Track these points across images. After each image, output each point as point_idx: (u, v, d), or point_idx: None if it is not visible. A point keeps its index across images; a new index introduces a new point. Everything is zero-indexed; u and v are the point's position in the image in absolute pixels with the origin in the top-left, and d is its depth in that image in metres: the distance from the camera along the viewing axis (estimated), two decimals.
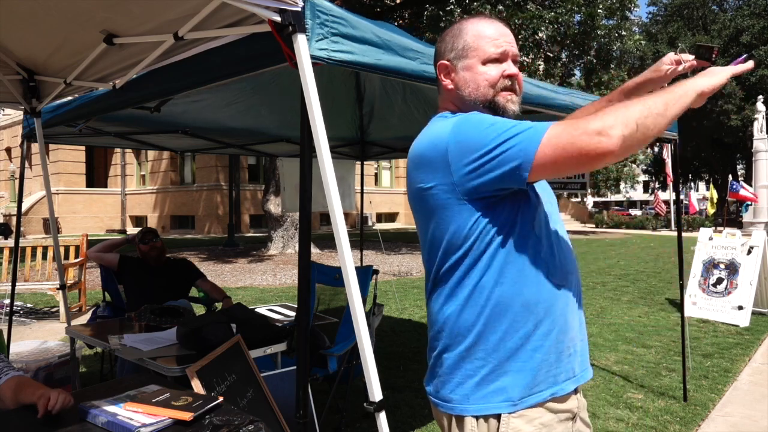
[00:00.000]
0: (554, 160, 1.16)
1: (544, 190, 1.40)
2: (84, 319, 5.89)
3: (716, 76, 1.31)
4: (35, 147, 3.83)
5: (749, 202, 17.04)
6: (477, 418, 1.27)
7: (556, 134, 1.16)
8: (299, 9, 1.63)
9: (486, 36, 1.38)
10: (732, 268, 6.60)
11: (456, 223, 1.27)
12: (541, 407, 1.27)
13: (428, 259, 1.37)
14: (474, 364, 1.27)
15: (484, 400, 1.26)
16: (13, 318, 4.04)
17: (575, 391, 1.35)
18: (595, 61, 13.88)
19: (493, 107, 1.36)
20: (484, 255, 1.27)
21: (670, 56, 1.65)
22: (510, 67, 1.37)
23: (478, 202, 1.26)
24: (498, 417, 1.25)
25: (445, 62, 1.42)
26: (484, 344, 1.27)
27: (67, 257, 6.90)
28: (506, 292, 1.26)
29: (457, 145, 1.24)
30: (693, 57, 1.65)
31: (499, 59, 1.37)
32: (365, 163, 5.95)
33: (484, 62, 1.37)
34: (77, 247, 7.00)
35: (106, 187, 25.16)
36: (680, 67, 1.64)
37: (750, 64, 1.42)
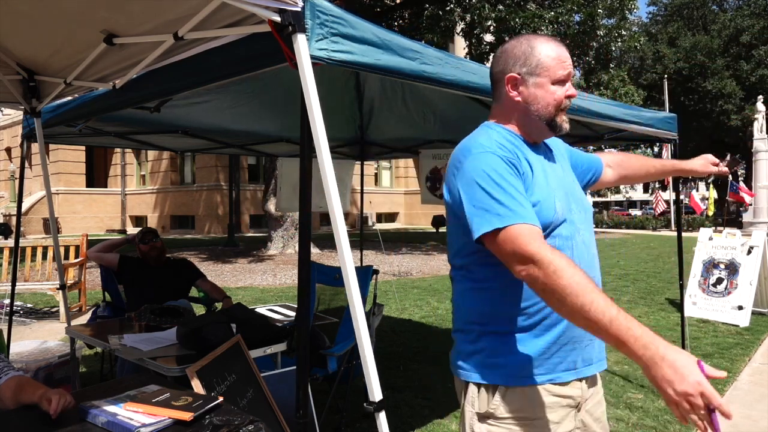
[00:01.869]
0: (493, 250, 1.32)
1: (575, 200, 1.53)
2: (84, 319, 5.89)
3: (651, 371, 1.09)
4: (35, 147, 3.83)
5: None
6: (478, 386, 1.44)
7: (506, 237, 1.28)
8: (299, 9, 1.63)
9: (557, 57, 1.49)
10: (732, 268, 6.60)
11: (459, 228, 1.43)
12: (540, 387, 1.41)
13: (448, 246, 1.55)
14: (482, 340, 1.45)
15: (487, 371, 1.44)
16: (13, 318, 4.04)
17: (580, 382, 1.47)
18: (593, 62, 13.90)
19: (552, 125, 1.50)
20: (486, 257, 1.39)
21: (712, 160, 2.06)
22: (571, 89, 1.52)
23: None
24: (496, 388, 1.42)
25: (516, 75, 1.50)
26: (490, 327, 1.44)
27: (67, 257, 6.90)
28: (507, 289, 1.41)
29: (460, 177, 1.41)
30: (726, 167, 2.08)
31: (563, 80, 1.50)
32: (365, 163, 5.95)
33: (554, 82, 1.49)
34: (77, 247, 7.00)
35: (106, 187, 25.14)
36: (716, 169, 2.06)
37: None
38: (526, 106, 1.50)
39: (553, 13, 11.30)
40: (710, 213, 24.50)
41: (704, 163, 2.08)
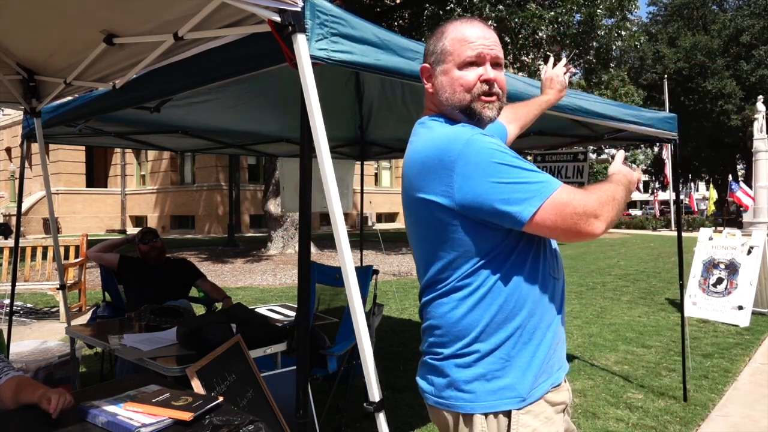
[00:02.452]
0: (552, 224, 1.22)
1: None
2: (84, 319, 5.89)
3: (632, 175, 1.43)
4: (35, 147, 3.83)
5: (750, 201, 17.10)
6: (486, 415, 1.28)
7: (562, 201, 1.21)
8: (299, 9, 1.63)
9: (463, 39, 1.35)
10: (732, 268, 6.61)
11: (460, 234, 1.28)
12: (542, 401, 1.31)
13: (427, 264, 1.38)
14: (483, 362, 1.29)
15: (494, 398, 1.27)
16: (13, 318, 4.04)
17: (565, 382, 1.42)
18: (594, 60, 13.89)
19: (469, 113, 1.35)
20: (493, 260, 1.29)
21: (559, 71, 2.09)
22: (487, 71, 1.34)
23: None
24: (507, 413, 1.28)
25: (427, 66, 1.43)
26: (493, 343, 1.29)
27: (67, 257, 6.90)
28: (515, 293, 1.29)
29: (464, 169, 1.23)
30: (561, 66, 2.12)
31: (476, 62, 1.34)
32: (365, 163, 5.95)
33: (461, 66, 1.35)
34: (77, 247, 7.00)
35: (106, 187, 25.14)
36: (567, 76, 2.10)
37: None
38: (437, 96, 1.40)
39: (553, 13, 11.30)
40: (710, 212, 24.49)
41: (559, 89, 2.07)
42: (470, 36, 1.34)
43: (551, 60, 2.15)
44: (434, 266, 1.34)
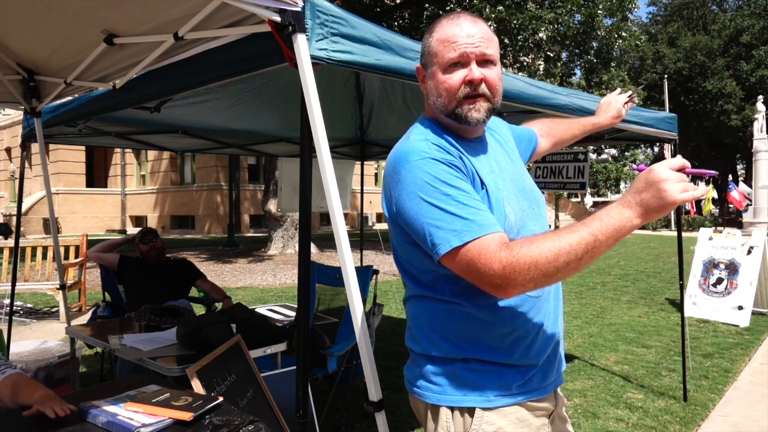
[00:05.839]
0: (457, 271, 1.18)
1: (526, 195, 1.39)
2: (84, 319, 5.89)
3: (660, 211, 1.07)
4: (35, 147, 3.83)
5: (749, 202, 17.16)
6: (452, 409, 1.29)
7: (467, 259, 1.13)
8: (299, 9, 1.63)
9: (446, 39, 1.29)
10: (732, 268, 6.61)
11: (406, 245, 1.32)
12: (516, 405, 1.30)
13: (396, 261, 1.42)
14: (452, 366, 1.30)
15: (461, 394, 1.28)
16: (13, 318, 4.04)
17: (553, 393, 1.39)
18: (595, 60, 13.88)
19: (455, 118, 1.31)
20: (446, 277, 1.26)
21: (620, 99, 2.03)
22: (472, 71, 1.27)
23: None
24: (472, 411, 1.28)
25: (419, 66, 1.41)
26: (461, 354, 1.29)
27: (67, 257, 6.90)
28: (480, 311, 1.27)
29: (400, 193, 1.24)
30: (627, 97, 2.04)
31: (461, 62, 1.28)
32: (365, 163, 5.96)
33: (444, 69, 1.30)
34: (77, 247, 7.00)
35: (106, 187, 25.13)
36: (627, 107, 2.02)
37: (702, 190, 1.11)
38: (428, 99, 1.37)
39: (552, 13, 11.29)
40: (705, 212, 24.42)
41: (613, 115, 1.99)
42: (453, 35, 1.28)
43: (619, 89, 2.13)
44: (400, 267, 1.39)
